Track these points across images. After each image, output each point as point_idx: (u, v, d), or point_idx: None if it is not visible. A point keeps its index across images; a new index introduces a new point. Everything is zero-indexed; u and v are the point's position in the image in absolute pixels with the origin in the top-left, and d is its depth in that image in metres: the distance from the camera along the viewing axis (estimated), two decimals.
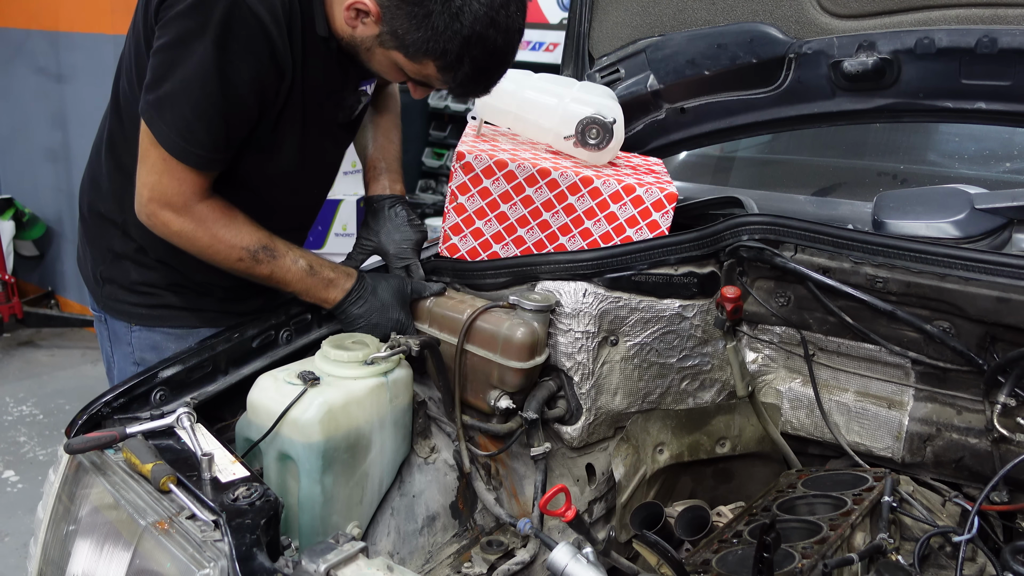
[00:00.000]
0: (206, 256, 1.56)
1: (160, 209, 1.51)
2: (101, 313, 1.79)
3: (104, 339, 1.81)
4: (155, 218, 1.52)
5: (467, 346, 1.63)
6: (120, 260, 1.72)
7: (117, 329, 1.76)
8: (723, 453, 1.86)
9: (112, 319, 1.76)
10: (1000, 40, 1.70)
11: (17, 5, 4.99)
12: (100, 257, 1.75)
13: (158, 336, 1.73)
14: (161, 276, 1.71)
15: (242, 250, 1.55)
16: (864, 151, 2.55)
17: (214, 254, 1.55)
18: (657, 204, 1.73)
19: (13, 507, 3.51)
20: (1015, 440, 1.53)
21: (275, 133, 1.58)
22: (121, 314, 1.74)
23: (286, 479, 1.44)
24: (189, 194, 1.50)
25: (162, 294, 1.72)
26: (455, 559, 1.63)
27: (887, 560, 1.41)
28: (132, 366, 1.74)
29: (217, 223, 1.53)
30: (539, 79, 1.89)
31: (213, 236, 1.53)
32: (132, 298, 1.73)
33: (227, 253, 1.55)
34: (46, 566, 1.33)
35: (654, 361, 1.75)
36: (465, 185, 1.71)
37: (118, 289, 1.74)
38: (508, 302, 1.65)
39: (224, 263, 1.56)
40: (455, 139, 6.82)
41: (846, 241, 1.66)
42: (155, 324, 1.73)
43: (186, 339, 1.71)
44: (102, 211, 1.73)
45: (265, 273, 1.59)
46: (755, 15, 1.96)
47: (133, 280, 1.72)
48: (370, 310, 1.65)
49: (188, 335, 1.72)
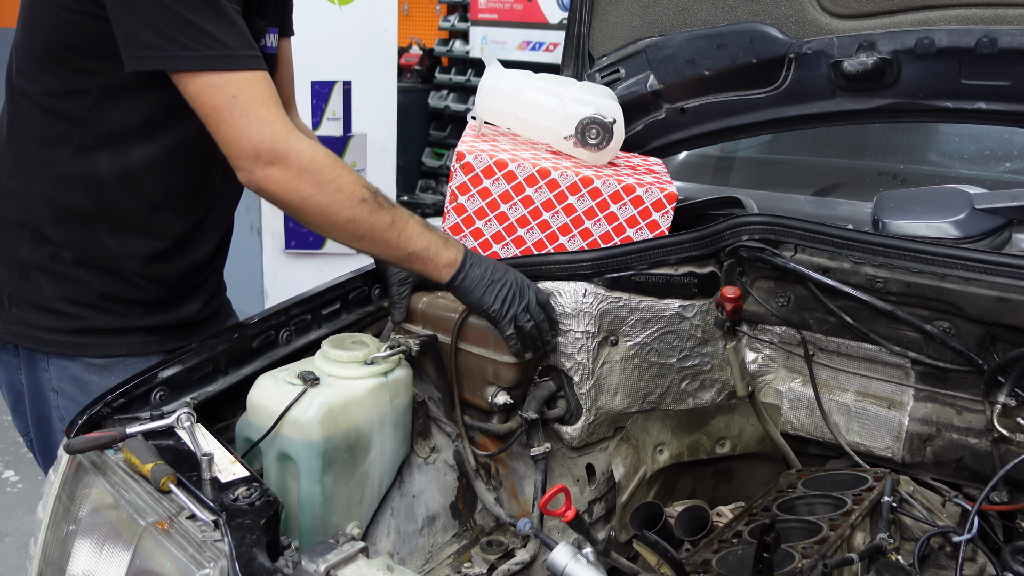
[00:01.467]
0: (327, 206, 1.36)
1: (270, 167, 1.33)
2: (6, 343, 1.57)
3: (10, 368, 1.60)
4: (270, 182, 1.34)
5: (461, 344, 1.64)
6: (31, 274, 1.52)
7: (30, 356, 1.55)
8: (723, 453, 1.86)
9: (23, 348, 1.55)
10: (1000, 40, 1.70)
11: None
12: (6, 275, 1.54)
13: (78, 367, 1.55)
14: (80, 287, 1.53)
15: (363, 188, 1.38)
16: (864, 151, 2.55)
17: (334, 200, 1.36)
18: (657, 204, 1.73)
19: (13, 507, 3.51)
20: (1015, 440, 1.53)
21: None
22: (33, 341, 1.53)
23: (286, 479, 1.44)
24: (283, 119, 1.34)
25: (83, 313, 1.53)
26: (455, 559, 1.63)
27: (887, 560, 1.41)
28: (51, 392, 1.56)
29: (328, 157, 1.36)
30: (539, 79, 1.89)
31: (334, 172, 1.35)
32: (48, 320, 1.52)
33: (350, 192, 1.37)
34: (46, 566, 1.33)
35: (654, 361, 1.75)
36: (465, 185, 1.71)
37: (30, 311, 1.52)
38: None
39: (342, 211, 1.37)
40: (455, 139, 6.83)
41: (846, 241, 1.66)
42: (74, 353, 1.54)
43: (110, 370, 1.55)
44: (7, 217, 1.53)
45: (386, 221, 1.41)
46: (755, 15, 1.96)
47: (48, 296, 1.52)
48: (488, 269, 1.50)
49: (112, 365, 1.55)
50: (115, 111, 1.46)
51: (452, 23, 7.40)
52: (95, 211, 1.52)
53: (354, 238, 1.43)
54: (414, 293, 1.71)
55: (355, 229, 1.41)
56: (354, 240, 1.44)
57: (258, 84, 1.35)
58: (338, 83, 4.36)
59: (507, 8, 6.49)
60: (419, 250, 1.46)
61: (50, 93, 1.47)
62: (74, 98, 1.46)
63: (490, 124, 1.93)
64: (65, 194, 1.51)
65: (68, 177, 1.50)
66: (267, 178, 1.35)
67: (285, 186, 1.35)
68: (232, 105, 1.32)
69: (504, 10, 6.51)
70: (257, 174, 1.35)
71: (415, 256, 1.47)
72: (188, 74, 1.33)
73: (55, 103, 1.47)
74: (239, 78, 1.33)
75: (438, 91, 7.42)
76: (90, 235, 1.51)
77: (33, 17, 1.46)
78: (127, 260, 1.55)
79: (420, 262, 1.48)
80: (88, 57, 1.43)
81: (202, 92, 1.33)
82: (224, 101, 1.32)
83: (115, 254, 1.54)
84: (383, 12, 4.50)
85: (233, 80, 1.32)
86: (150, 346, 1.60)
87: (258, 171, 1.34)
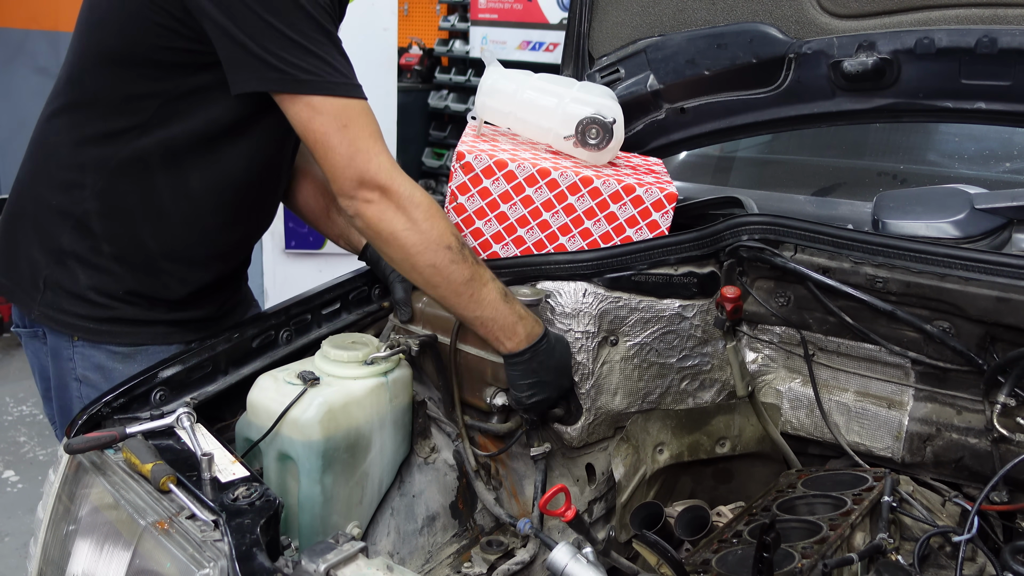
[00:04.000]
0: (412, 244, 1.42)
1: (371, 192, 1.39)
2: (37, 327, 1.63)
3: (39, 355, 1.66)
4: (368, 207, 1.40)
5: (460, 345, 1.64)
6: (67, 261, 1.56)
7: (57, 343, 1.60)
8: (723, 453, 1.86)
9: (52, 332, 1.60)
10: (1000, 40, 1.70)
11: (17, 5, 4.99)
12: (44, 260, 1.57)
13: (102, 355, 1.58)
14: (112, 280, 1.56)
15: (452, 237, 1.43)
16: (864, 151, 2.55)
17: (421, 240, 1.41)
18: (657, 204, 1.73)
19: (13, 507, 3.51)
20: (1015, 440, 1.53)
21: None
22: (63, 326, 1.57)
23: (286, 479, 1.44)
24: (387, 153, 1.41)
25: (112, 304, 1.57)
26: (455, 559, 1.63)
27: (887, 560, 1.41)
28: (73, 382, 1.60)
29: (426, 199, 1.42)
30: (539, 79, 1.89)
31: (429, 214, 1.41)
32: (78, 307, 1.56)
33: (438, 236, 1.42)
34: (46, 566, 1.33)
35: (654, 361, 1.75)
36: (465, 185, 1.71)
37: (63, 296, 1.57)
38: None
39: (425, 253, 1.42)
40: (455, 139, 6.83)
41: (846, 241, 1.66)
42: (101, 340, 1.58)
43: (134, 358, 1.58)
44: (52, 204, 1.56)
45: (465, 276, 1.44)
46: (755, 15, 1.96)
47: (81, 284, 1.56)
48: (547, 368, 1.54)
49: (136, 353, 1.59)
50: (176, 121, 1.49)
51: (452, 23, 7.39)
52: (142, 211, 1.55)
53: (430, 284, 1.47)
54: (414, 292, 1.71)
55: (432, 275, 1.45)
56: (430, 287, 1.47)
57: (366, 115, 1.42)
58: None
59: (507, 8, 6.49)
60: (486, 317, 1.48)
61: (116, 94, 1.49)
62: (139, 102, 1.48)
63: (490, 124, 1.93)
64: (116, 191, 1.53)
65: (121, 175, 1.52)
66: (367, 205, 1.41)
67: (381, 216, 1.41)
68: (343, 134, 1.38)
69: (504, 10, 6.51)
70: (358, 201, 1.41)
71: (480, 321, 1.49)
72: (302, 98, 1.37)
73: (120, 104, 1.50)
74: (350, 107, 1.39)
75: (438, 91, 7.42)
76: (133, 233, 1.54)
77: (110, 20, 1.48)
78: (164, 261, 1.58)
79: (484, 328, 1.50)
80: (161, 68, 1.46)
81: (313, 117, 1.37)
82: (336, 129, 1.38)
83: (153, 255, 1.56)
84: (383, 12, 4.50)
85: (345, 108, 1.39)
86: (172, 336, 1.62)
87: (360, 198, 1.41)
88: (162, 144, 1.50)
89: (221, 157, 1.53)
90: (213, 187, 1.55)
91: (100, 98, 1.51)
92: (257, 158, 1.57)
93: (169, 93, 1.47)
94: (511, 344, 1.51)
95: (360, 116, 1.40)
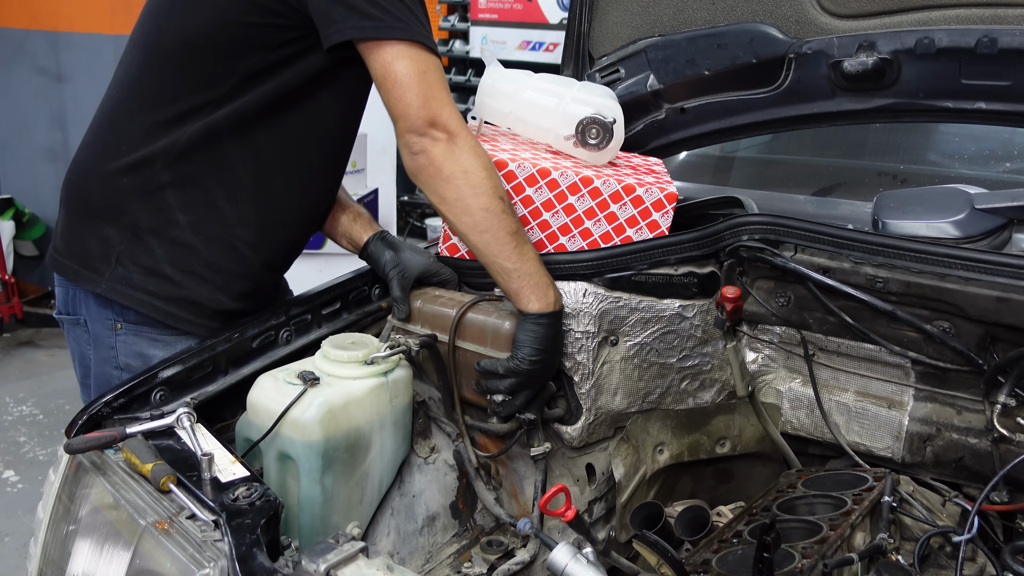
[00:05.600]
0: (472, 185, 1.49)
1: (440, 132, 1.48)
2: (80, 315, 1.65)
3: (80, 343, 1.68)
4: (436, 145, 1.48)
5: (458, 342, 1.63)
6: (144, 236, 1.59)
7: (99, 331, 1.63)
8: (723, 453, 1.86)
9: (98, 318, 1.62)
10: (1000, 40, 1.70)
11: (17, 5, 4.99)
12: (119, 236, 1.60)
13: (144, 343, 1.62)
14: (190, 252, 1.60)
15: (504, 189, 1.52)
16: (864, 151, 2.55)
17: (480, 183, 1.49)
18: (657, 204, 1.73)
19: (13, 507, 3.52)
20: (1015, 440, 1.53)
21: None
22: (131, 300, 1.59)
23: (286, 479, 1.44)
24: (455, 107, 1.49)
25: (185, 281, 1.60)
26: (455, 559, 1.63)
27: (887, 560, 1.41)
28: (115, 370, 1.63)
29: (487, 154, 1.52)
30: (539, 79, 1.89)
31: (488, 163, 1.51)
32: (151, 283, 1.59)
33: (495, 185, 1.51)
34: (46, 566, 1.33)
35: (654, 361, 1.75)
36: None
37: (135, 271, 1.59)
38: (496, 294, 1.65)
39: (482, 196, 1.50)
40: None
41: (846, 241, 1.66)
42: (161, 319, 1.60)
43: (174, 347, 1.60)
44: (124, 183, 1.59)
45: (514, 227, 1.52)
46: (755, 15, 1.96)
47: (158, 258, 1.59)
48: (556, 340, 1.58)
49: (176, 342, 1.62)
50: (249, 93, 1.56)
51: (452, 23, 7.39)
52: (214, 177, 1.60)
53: (478, 229, 1.52)
54: (413, 291, 1.71)
55: (484, 218, 1.51)
56: (477, 232, 1.52)
57: (441, 70, 1.52)
58: None
59: (507, 8, 6.49)
60: (525, 271, 1.53)
61: (195, 75, 1.56)
62: (217, 81, 1.55)
63: (490, 124, 1.93)
64: (187, 161, 1.58)
65: (192, 147, 1.57)
66: (435, 144, 1.48)
67: (448, 154, 1.49)
68: (422, 79, 1.47)
69: (504, 10, 6.51)
70: (428, 139, 1.48)
71: (519, 273, 1.53)
72: (387, 43, 1.46)
73: (197, 84, 1.56)
74: (431, 59, 1.49)
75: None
76: (207, 200, 1.58)
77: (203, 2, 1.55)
78: (239, 227, 1.62)
79: (520, 281, 1.53)
80: (248, 45, 1.53)
81: (396, 60, 1.47)
82: (416, 74, 1.47)
83: (229, 221, 1.61)
84: None
85: (428, 58, 1.48)
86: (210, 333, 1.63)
87: (428, 137, 1.48)
88: (233, 114, 1.56)
89: (288, 120, 1.60)
90: (281, 151, 1.62)
91: (177, 81, 1.56)
92: (323, 123, 1.64)
93: (248, 70, 1.54)
94: (539, 304, 1.53)
95: (437, 69, 1.50)
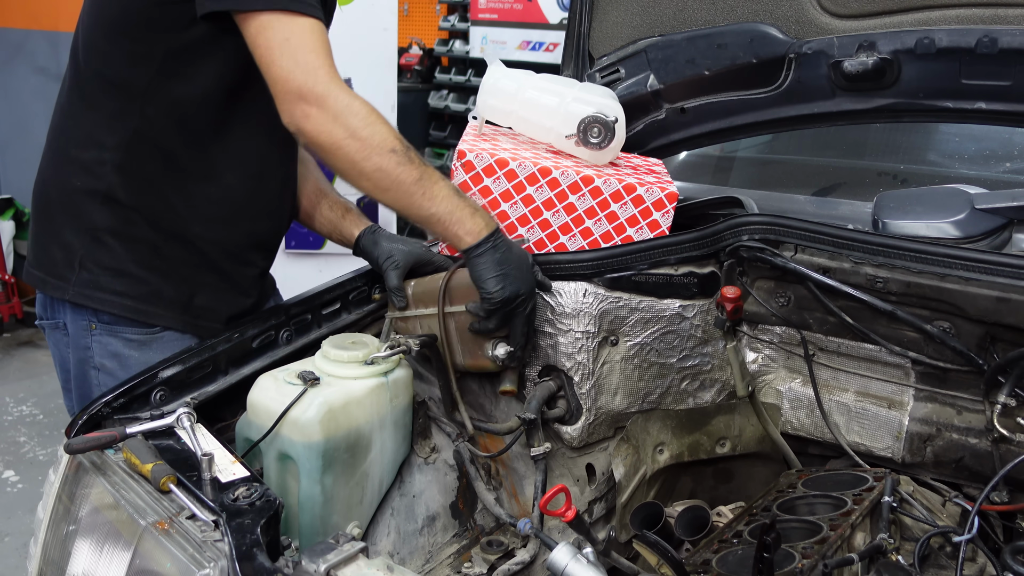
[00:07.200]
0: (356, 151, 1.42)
1: (309, 106, 1.41)
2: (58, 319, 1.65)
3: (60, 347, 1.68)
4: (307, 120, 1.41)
5: (450, 308, 1.61)
6: (104, 238, 1.58)
7: (76, 332, 1.62)
8: (723, 453, 1.86)
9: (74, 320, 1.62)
10: (1000, 40, 1.70)
11: (17, 5, 4.99)
12: (79, 241, 1.59)
13: (119, 343, 1.61)
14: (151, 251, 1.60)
15: (395, 140, 1.44)
16: (864, 151, 2.55)
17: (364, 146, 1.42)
18: (658, 204, 1.73)
19: (13, 507, 3.51)
20: (1015, 440, 1.53)
21: None
22: (101, 303, 1.59)
23: (286, 479, 1.44)
24: (328, 66, 1.42)
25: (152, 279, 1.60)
26: (455, 559, 1.63)
27: (887, 560, 1.41)
28: (92, 371, 1.62)
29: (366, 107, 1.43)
30: (540, 79, 1.89)
31: (368, 120, 1.42)
32: (118, 284, 1.59)
33: (381, 140, 1.43)
34: (46, 566, 1.33)
35: (654, 361, 1.75)
36: (466, 184, 1.71)
37: (101, 273, 1.59)
38: None
39: (370, 158, 1.43)
40: (455, 139, 6.82)
41: (846, 241, 1.66)
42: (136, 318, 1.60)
43: (149, 346, 1.61)
44: (78, 186, 1.59)
45: (414, 176, 1.45)
46: (755, 15, 1.96)
47: (121, 259, 1.59)
48: (508, 259, 1.50)
49: (151, 341, 1.62)
50: (177, 81, 1.53)
51: (452, 23, 7.39)
52: (163, 174, 1.58)
53: (379, 189, 1.47)
54: (406, 280, 1.71)
55: (381, 179, 1.45)
56: (380, 191, 1.48)
57: (311, 31, 1.42)
58: None
59: (507, 8, 6.49)
60: (442, 213, 1.48)
61: (118, 63, 1.54)
62: (137, 67, 1.53)
63: (491, 123, 1.93)
64: (135, 158, 1.56)
65: (137, 143, 1.56)
66: (305, 117, 1.42)
67: (320, 127, 1.42)
68: (283, 47, 1.40)
69: (504, 10, 6.51)
70: (297, 113, 1.42)
71: (437, 218, 1.48)
72: (251, 15, 1.41)
73: (122, 73, 1.54)
74: (295, 22, 1.41)
75: (438, 91, 7.42)
76: (159, 196, 1.57)
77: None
78: (195, 224, 1.61)
79: (441, 225, 1.49)
80: (155, 28, 1.50)
81: (260, 32, 1.41)
82: (278, 42, 1.41)
83: (184, 218, 1.59)
84: (383, 12, 4.50)
85: (289, 23, 1.41)
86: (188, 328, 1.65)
87: (298, 110, 1.42)
88: (169, 106, 1.54)
89: (222, 106, 1.56)
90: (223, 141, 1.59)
91: (104, 72, 1.55)
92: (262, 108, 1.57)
93: (165, 53, 1.51)
94: (470, 238, 1.49)
95: (305, 32, 1.41)
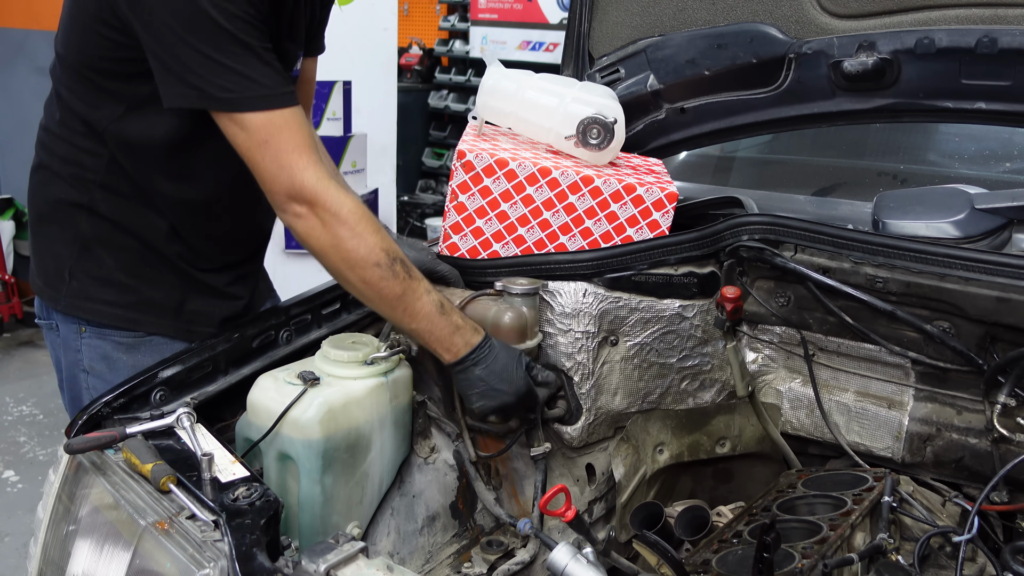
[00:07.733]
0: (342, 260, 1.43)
1: (299, 205, 1.40)
2: (52, 320, 1.68)
3: (56, 347, 1.70)
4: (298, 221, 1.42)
5: None
6: (92, 247, 1.61)
7: (67, 335, 1.65)
8: (723, 453, 1.86)
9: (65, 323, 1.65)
10: (1000, 40, 1.70)
11: (17, 5, 4.99)
12: (68, 251, 1.63)
13: (108, 345, 1.63)
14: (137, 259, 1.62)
15: (381, 253, 1.42)
16: (864, 151, 2.55)
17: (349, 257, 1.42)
18: (657, 204, 1.73)
19: (13, 507, 3.52)
20: (1015, 440, 1.53)
21: None
22: (91, 313, 1.62)
23: (286, 479, 1.44)
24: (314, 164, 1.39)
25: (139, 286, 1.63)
26: (455, 559, 1.63)
27: (887, 560, 1.41)
28: (82, 373, 1.65)
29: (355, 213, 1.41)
30: (540, 79, 1.89)
31: (357, 230, 1.41)
32: (107, 293, 1.62)
33: (366, 254, 1.41)
34: (46, 566, 1.33)
35: (654, 361, 1.75)
36: (466, 184, 1.71)
37: (90, 283, 1.62)
38: (496, 289, 1.65)
39: (354, 269, 1.43)
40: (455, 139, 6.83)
41: (846, 241, 1.66)
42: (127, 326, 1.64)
43: (138, 348, 1.63)
44: (63, 198, 1.62)
45: (396, 292, 1.43)
46: (755, 15, 1.96)
47: (109, 267, 1.61)
48: (491, 373, 1.49)
49: (140, 344, 1.64)
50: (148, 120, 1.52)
51: (452, 23, 7.39)
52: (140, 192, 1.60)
53: (364, 297, 1.49)
54: None
55: (364, 290, 1.46)
56: (364, 299, 1.50)
57: (290, 126, 1.40)
58: (338, 83, 4.35)
59: (507, 8, 6.50)
60: (422, 330, 1.47)
61: (82, 103, 1.56)
62: (100, 110, 1.54)
63: (491, 124, 1.93)
64: (113, 176, 1.59)
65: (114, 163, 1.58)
66: (296, 217, 1.42)
67: (309, 231, 1.43)
68: (264, 149, 1.39)
69: (504, 10, 6.52)
70: (288, 212, 1.43)
71: (417, 333, 1.49)
72: (224, 115, 1.40)
73: (87, 112, 1.56)
74: (271, 120, 1.39)
75: (438, 91, 7.43)
76: (139, 212, 1.60)
77: (70, 31, 1.53)
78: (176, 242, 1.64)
79: (422, 339, 1.50)
80: (114, 78, 1.50)
81: (236, 133, 1.40)
82: (257, 144, 1.39)
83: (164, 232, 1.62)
84: (383, 12, 4.50)
85: (265, 123, 1.38)
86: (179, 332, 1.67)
87: (289, 209, 1.42)
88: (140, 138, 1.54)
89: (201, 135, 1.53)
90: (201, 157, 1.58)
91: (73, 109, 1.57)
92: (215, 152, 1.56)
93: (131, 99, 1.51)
94: (449, 356, 1.49)
95: (283, 129, 1.39)
